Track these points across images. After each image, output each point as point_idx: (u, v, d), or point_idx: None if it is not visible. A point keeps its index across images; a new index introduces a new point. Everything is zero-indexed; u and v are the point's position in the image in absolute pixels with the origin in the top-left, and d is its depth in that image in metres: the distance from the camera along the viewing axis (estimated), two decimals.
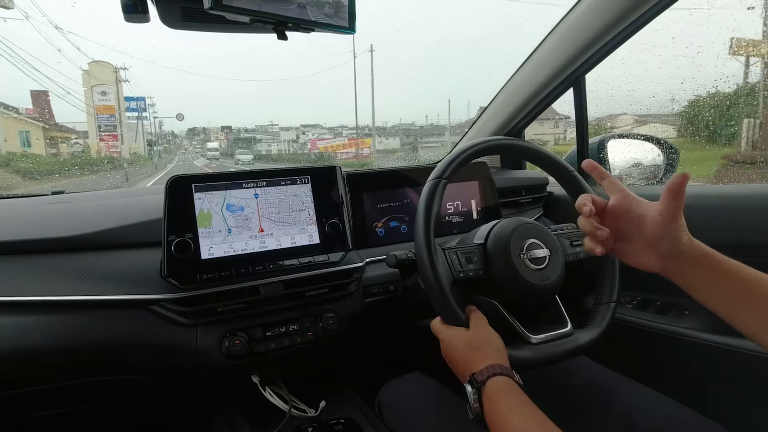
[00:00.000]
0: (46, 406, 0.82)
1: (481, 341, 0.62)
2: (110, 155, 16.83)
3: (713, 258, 0.53)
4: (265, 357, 0.82)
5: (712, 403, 0.75)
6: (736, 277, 0.52)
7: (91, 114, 18.05)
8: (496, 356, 0.59)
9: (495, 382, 0.55)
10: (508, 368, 0.58)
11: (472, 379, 0.57)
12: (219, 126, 46.08)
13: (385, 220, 1.04)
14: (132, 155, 19.26)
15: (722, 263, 0.52)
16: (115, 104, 18.46)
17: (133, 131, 21.29)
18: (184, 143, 40.14)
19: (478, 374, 0.57)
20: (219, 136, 42.59)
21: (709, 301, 0.54)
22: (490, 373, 0.56)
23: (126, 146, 18.91)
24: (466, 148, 0.70)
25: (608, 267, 0.78)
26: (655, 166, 1.24)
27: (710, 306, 0.54)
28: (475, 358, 0.59)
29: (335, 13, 0.60)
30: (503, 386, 0.55)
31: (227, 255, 0.79)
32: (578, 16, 0.99)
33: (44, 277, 0.74)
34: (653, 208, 0.55)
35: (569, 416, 0.75)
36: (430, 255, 0.65)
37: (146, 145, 23.33)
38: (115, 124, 18.20)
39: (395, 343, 1.15)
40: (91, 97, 18.18)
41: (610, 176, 0.61)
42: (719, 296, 0.53)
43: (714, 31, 1.56)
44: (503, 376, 0.56)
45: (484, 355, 0.59)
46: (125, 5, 0.53)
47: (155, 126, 32.97)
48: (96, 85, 18.35)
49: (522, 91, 1.17)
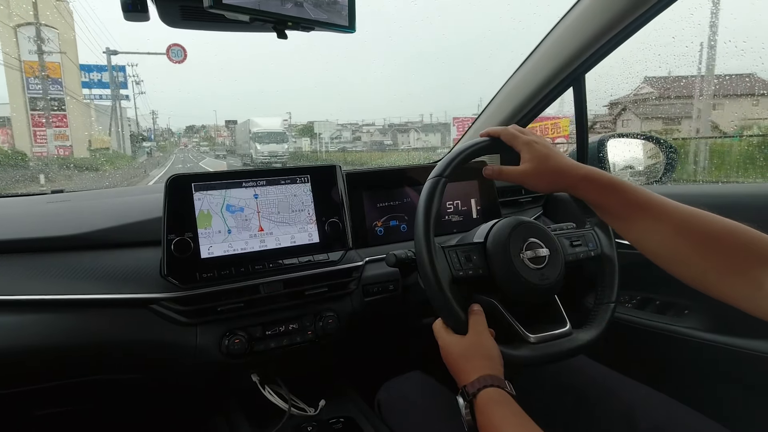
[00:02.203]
0: (46, 405, 0.82)
1: (474, 351, 0.61)
2: (50, 153, 9.45)
3: (598, 177, 0.60)
4: (264, 356, 0.82)
5: (712, 403, 0.75)
6: (616, 192, 0.59)
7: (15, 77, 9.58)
8: (489, 366, 0.59)
9: (486, 393, 0.55)
10: (500, 379, 0.57)
11: (463, 392, 0.57)
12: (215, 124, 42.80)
13: (384, 219, 1.04)
14: (99, 152, 12.09)
15: (604, 180, 0.60)
16: (64, 64, 10.35)
17: (104, 116, 13.33)
18: (182, 140, 37.91)
19: (469, 386, 0.57)
20: (222, 133, 39.06)
21: (599, 211, 0.63)
22: (481, 385, 0.56)
23: (83, 136, 11.85)
24: (466, 147, 0.69)
25: (608, 267, 0.78)
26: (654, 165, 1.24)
27: (602, 216, 0.64)
28: (467, 369, 0.59)
29: (335, 12, 0.60)
30: (495, 398, 0.55)
31: (227, 254, 0.79)
32: (578, 16, 0.99)
33: (43, 275, 0.74)
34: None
35: (569, 416, 0.75)
36: (430, 254, 0.65)
37: (122, 138, 14.91)
38: (61, 96, 10.41)
39: (395, 342, 1.15)
40: (15, 45, 9.46)
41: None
42: (605, 208, 0.61)
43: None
44: (495, 387, 0.55)
45: (475, 367, 0.59)
46: (125, 4, 0.53)
47: (151, 119, 27.58)
48: (22, 24, 9.39)
49: (522, 90, 1.17)
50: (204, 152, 32.01)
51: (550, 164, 0.63)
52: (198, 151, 29.94)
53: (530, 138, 0.65)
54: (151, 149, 22.24)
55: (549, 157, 0.63)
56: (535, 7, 27.24)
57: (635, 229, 0.58)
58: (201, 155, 29.62)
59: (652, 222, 0.56)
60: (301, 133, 24.61)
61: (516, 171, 0.65)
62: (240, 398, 0.96)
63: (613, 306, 0.75)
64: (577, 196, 0.63)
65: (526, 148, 0.64)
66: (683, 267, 0.54)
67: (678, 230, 0.54)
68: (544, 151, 0.63)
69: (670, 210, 0.55)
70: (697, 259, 0.52)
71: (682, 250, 0.53)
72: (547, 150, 0.64)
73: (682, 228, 0.54)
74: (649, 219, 0.56)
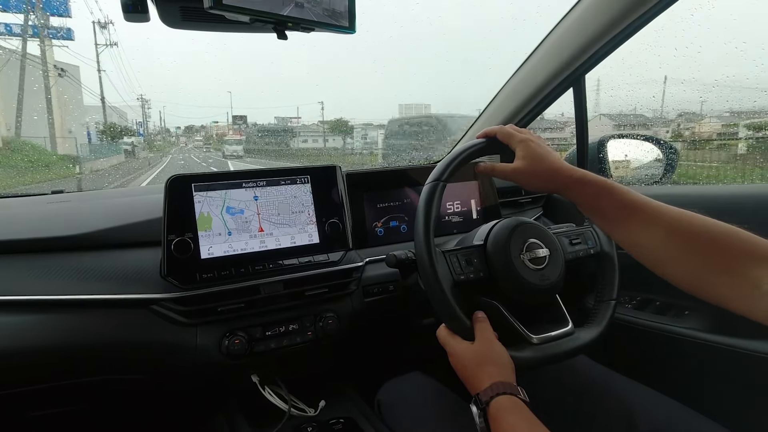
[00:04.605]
0: (45, 405, 0.82)
1: (486, 357, 0.61)
2: None
3: (591, 180, 0.60)
4: (264, 356, 0.82)
5: (712, 403, 0.75)
6: (609, 195, 0.58)
7: None
8: (501, 373, 0.59)
9: (499, 401, 0.55)
10: (513, 386, 0.57)
11: (476, 399, 0.57)
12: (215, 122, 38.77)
13: (384, 219, 1.04)
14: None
15: (597, 184, 0.60)
16: None
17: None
18: (180, 139, 36.65)
19: (482, 394, 0.56)
20: (228, 132, 35.99)
21: (590, 215, 0.62)
22: (494, 392, 0.55)
23: None
24: (463, 150, 0.69)
25: (608, 266, 0.78)
26: (654, 166, 1.24)
27: (593, 219, 0.63)
28: (480, 376, 0.59)
29: (335, 12, 0.60)
30: (508, 405, 0.54)
31: (227, 254, 0.79)
32: (578, 16, 0.99)
33: (43, 276, 0.74)
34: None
35: (569, 416, 0.76)
36: (431, 260, 0.64)
37: (50, 116, 8.92)
38: None
39: (395, 342, 1.15)
40: None
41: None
42: (597, 211, 0.60)
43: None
44: (508, 395, 0.55)
45: (488, 373, 0.58)
46: (125, 5, 0.53)
47: (140, 111, 19.54)
48: None
49: (522, 91, 1.17)
50: (205, 152, 29.30)
51: (544, 164, 0.63)
52: (202, 151, 27.22)
53: (526, 137, 0.65)
54: (134, 147, 15.42)
55: (543, 157, 0.63)
56: (536, 6, 26.73)
57: (627, 232, 0.58)
58: (207, 158, 26.11)
59: (644, 225, 0.56)
60: (332, 129, 22.01)
61: (509, 168, 0.65)
62: (240, 399, 0.96)
63: (613, 303, 0.75)
64: (569, 198, 0.63)
65: (522, 146, 0.65)
66: (676, 269, 0.54)
67: (670, 233, 0.54)
68: (539, 151, 0.64)
69: (662, 213, 0.55)
70: (689, 261, 0.52)
71: (674, 253, 0.53)
72: (542, 150, 0.64)
73: (674, 230, 0.53)
74: (641, 222, 0.56)
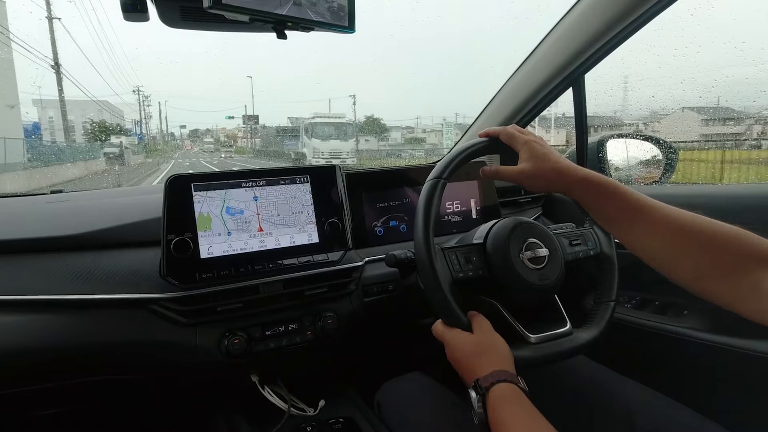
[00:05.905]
0: (45, 405, 0.82)
1: (488, 346, 0.61)
2: None
3: (595, 180, 0.60)
4: (264, 356, 0.82)
5: (712, 403, 0.75)
6: (613, 196, 0.59)
7: None
8: (502, 362, 0.59)
9: (499, 388, 0.55)
10: (513, 375, 0.57)
11: (476, 385, 0.57)
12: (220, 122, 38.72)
13: (384, 219, 1.04)
14: None
15: (601, 184, 0.60)
16: None
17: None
18: (186, 143, 36.69)
19: (482, 380, 0.56)
20: (237, 134, 33.81)
21: (594, 215, 0.63)
22: (495, 379, 0.55)
23: None
24: (464, 148, 0.69)
25: (607, 266, 0.78)
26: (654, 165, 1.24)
27: (597, 219, 0.63)
28: (481, 363, 0.59)
29: (335, 12, 0.60)
30: (507, 393, 0.54)
31: (226, 254, 0.79)
32: (578, 16, 0.99)
33: (43, 276, 0.74)
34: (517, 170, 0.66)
35: (569, 416, 0.75)
36: (430, 257, 0.64)
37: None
38: None
39: (394, 342, 1.15)
40: None
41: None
42: (601, 211, 0.61)
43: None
44: (508, 382, 0.55)
45: (490, 361, 0.59)
46: (124, 4, 0.53)
47: (138, 110, 16.15)
48: None
49: (521, 91, 1.17)
50: (221, 155, 27.31)
51: (547, 164, 0.63)
52: (210, 155, 25.70)
53: (529, 138, 0.65)
54: (122, 149, 12.29)
55: (547, 158, 0.63)
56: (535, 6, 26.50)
57: (631, 233, 0.58)
58: (223, 159, 23.00)
59: (648, 226, 0.56)
60: (362, 129, 19.98)
61: (513, 170, 0.65)
62: (239, 398, 0.96)
63: (612, 305, 0.75)
64: (573, 198, 0.63)
65: (525, 147, 0.65)
66: (680, 270, 0.54)
67: (674, 234, 0.54)
68: (543, 151, 0.64)
69: (666, 214, 0.55)
70: (693, 262, 0.53)
71: (678, 254, 0.54)
72: (546, 150, 0.64)
73: (679, 232, 0.54)
74: (645, 223, 0.56)
